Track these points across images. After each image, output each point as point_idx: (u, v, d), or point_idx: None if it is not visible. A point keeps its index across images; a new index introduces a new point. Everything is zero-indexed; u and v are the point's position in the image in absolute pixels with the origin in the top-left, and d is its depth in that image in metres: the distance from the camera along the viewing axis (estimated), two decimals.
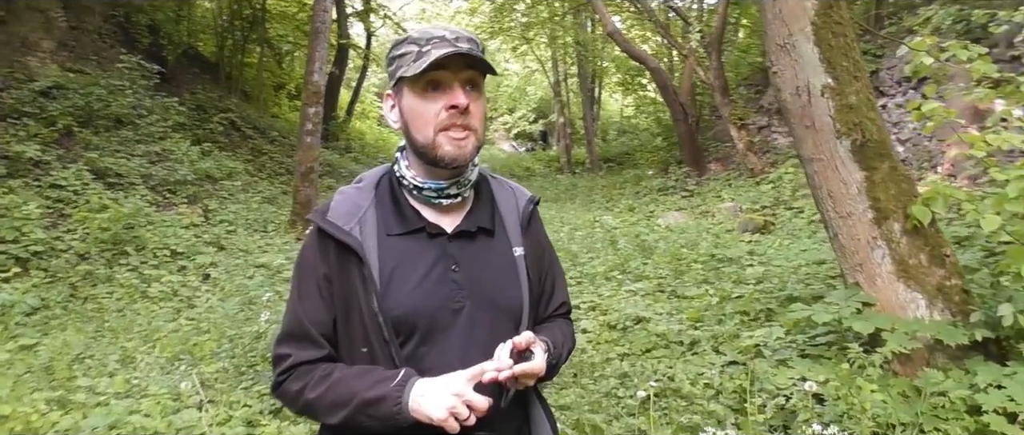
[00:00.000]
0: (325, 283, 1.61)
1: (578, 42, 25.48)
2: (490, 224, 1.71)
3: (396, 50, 1.60)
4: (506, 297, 1.66)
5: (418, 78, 1.54)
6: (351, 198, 1.67)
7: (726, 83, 15.85)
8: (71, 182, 9.39)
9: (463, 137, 1.56)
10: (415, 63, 1.53)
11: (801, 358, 4.06)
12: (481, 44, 1.63)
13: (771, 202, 12.00)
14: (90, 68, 12.60)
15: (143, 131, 11.91)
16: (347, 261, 1.59)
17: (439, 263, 1.61)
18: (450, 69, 1.54)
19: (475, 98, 1.58)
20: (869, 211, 3.86)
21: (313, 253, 1.64)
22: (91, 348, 5.53)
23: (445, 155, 1.56)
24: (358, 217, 1.62)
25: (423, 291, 1.57)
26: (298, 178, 11.66)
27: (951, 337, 3.36)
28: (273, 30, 21.28)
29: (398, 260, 1.59)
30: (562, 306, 1.89)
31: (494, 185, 1.81)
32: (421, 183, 1.63)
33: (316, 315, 1.61)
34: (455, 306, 1.59)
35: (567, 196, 19.97)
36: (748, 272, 7.13)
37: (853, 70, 3.98)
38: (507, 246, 1.71)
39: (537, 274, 1.77)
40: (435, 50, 1.52)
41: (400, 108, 1.63)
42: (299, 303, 1.63)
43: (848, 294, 3.89)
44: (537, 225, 1.85)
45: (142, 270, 8.07)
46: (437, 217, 1.66)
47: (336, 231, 1.59)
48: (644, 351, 5.03)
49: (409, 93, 1.59)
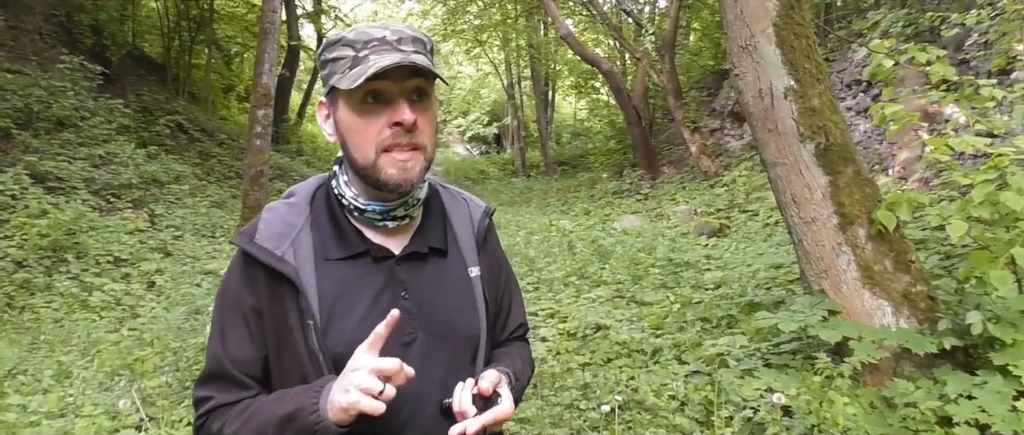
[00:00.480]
0: (253, 316, 1.39)
1: (531, 45, 25.47)
2: (442, 243, 1.52)
3: (329, 53, 1.37)
4: (462, 324, 1.48)
5: (355, 90, 1.31)
6: (282, 217, 1.45)
7: (679, 86, 15.93)
8: (8, 186, 9.02)
9: (409, 158, 1.35)
10: (351, 72, 1.31)
11: (766, 367, 3.99)
12: (430, 42, 1.42)
13: (725, 205, 12.04)
14: (30, 69, 12.20)
15: (86, 133, 11.54)
16: (280, 291, 1.37)
17: (386, 290, 1.41)
18: (393, 79, 1.32)
19: (423, 110, 1.36)
20: (834, 216, 3.79)
21: (238, 282, 1.42)
22: (26, 362, 5.26)
23: (388, 179, 1.35)
24: (291, 239, 1.40)
25: (370, 323, 1.30)
26: (248, 182, 11.36)
27: (919, 346, 3.31)
28: (221, 31, 20.86)
29: (340, 289, 1.39)
30: (520, 328, 1.71)
31: (445, 197, 1.61)
32: (363, 205, 1.43)
33: (242, 353, 1.40)
34: (406, 339, 1.39)
35: (522, 199, 19.91)
36: (706, 277, 7.08)
37: (816, 72, 3.92)
38: (462, 266, 1.53)
39: (494, 295, 1.59)
40: (374, 56, 1.31)
41: (335, 120, 1.41)
42: (221, 340, 1.41)
43: (813, 301, 3.82)
44: (493, 240, 1.67)
45: (83, 278, 7.76)
46: (382, 238, 1.46)
47: (266, 256, 1.37)
48: (606, 361, 4.92)
49: (345, 106, 1.36)
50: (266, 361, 1.41)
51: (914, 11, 9.82)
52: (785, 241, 7.75)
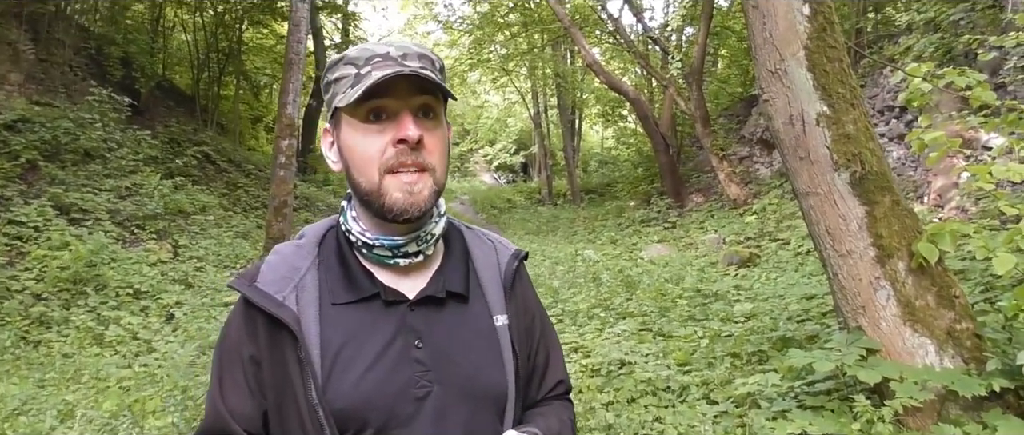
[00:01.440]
0: (252, 367, 1.27)
1: (558, 74, 25.44)
2: (463, 287, 1.35)
3: (331, 73, 1.27)
4: (485, 380, 1.30)
5: (356, 107, 1.22)
6: (287, 259, 1.32)
7: (707, 113, 15.75)
8: (32, 218, 9.04)
9: (415, 180, 1.22)
10: (352, 89, 1.21)
11: (800, 409, 3.76)
12: (439, 61, 1.31)
13: (755, 234, 11.79)
14: (59, 101, 12.30)
15: (112, 165, 11.59)
16: (280, 339, 1.24)
17: (398, 338, 1.26)
18: (396, 95, 1.21)
19: (431, 128, 1.25)
20: (871, 249, 3.58)
21: (238, 329, 1.30)
22: (33, 400, 5.14)
23: (393, 204, 1.22)
24: (295, 283, 1.28)
25: (377, 375, 1.22)
26: (271, 212, 11.33)
27: (966, 388, 3.08)
28: (250, 62, 21.04)
29: (346, 337, 1.24)
30: (559, 385, 1.50)
31: (469, 238, 1.45)
32: (371, 239, 1.29)
33: (241, 408, 1.26)
34: (419, 393, 1.23)
35: (548, 228, 19.74)
36: (736, 309, 6.86)
37: (850, 97, 3.73)
38: (486, 314, 1.35)
39: (526, 348, 1.41)
40: (376, 71, 1.19)
41: (339, 145, 1.30)
42: (220, 393, 1.28)
43: (850, 339, 3.60)
44: (524, 286, 1.49)
45: (101, 311, 7.69)
46: (395, 280, 1.31)
47: (265, 302, 1.25)
48: (630, 400, 4.71)
49: (347, 126, 1.26)
50: (266, 416, 1.27)
51: (948, 35, 9.58)
52: (817, 271, 7.51)
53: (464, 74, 26.11)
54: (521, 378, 1.36)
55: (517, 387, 1.34)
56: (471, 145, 39.37)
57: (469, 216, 23.45)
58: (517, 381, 1.34)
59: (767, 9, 3.83)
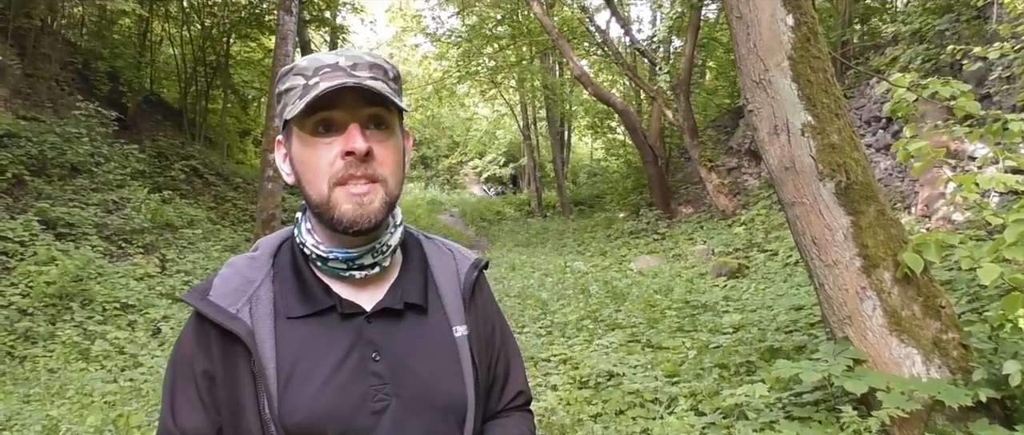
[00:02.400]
0: (205, 382, 1.24)
1: (546, 86, 25.52)
2: (421, 298, 1.33)
3: (281, 84, 1.25)
4: (444, 391, 1.28)
5: (304, 119, 1.19)
6: (240, 271, 1.30)
7: (695, 125, 15.80)
8: (18, 233, 8.95)
9: (365, 191, 1.19)
10: (299, 100, 1.18)
11: (788, 420, 3.76)
12: (393, 69, 1.27)
13: (744, 245, 11.81)
14: (45, 116, 12.22)
15: (100, 179, 11.52)
16: (233, 353, 1.22)
17: (354, 351, 1.24)
18: (343, 106, 1.18)
19: (381, 139, 1.22)
20: (857, 259, 3.58)
21: (190, 344, 1.26)
22: (18, 416, 5.09)
23: (342, 217, 1.20)
24: (248, 295, 1.25)
25: (333, 389, 1.20)
26: (259, 225, 11.31)
27: (953, 397, 3.07)
28: (238, 76, 20.99)
29: (302, 350, 1.22)
30: (519, 396, 1.49)
31: (428, 248, 1.43)
32: (325, 252, 1.27)
33: (192, 424, 1.23)
34: (376, 406, 1.21)
35: (538, 240, 19.74)
36: (725, 320, 6.86)
37: (834, 107, 3.74)
38: (445, 325, 1.34)
39: (486, 359, 1.40)
40: (323, 82, 1.17)
41: (290, 157, 1.27)
42: (171, 410, 1.25)
43: (837, 349, 3.60)
44: (485, 296, 1.47)
45: (87, 326, 7.62)
46: (352, 292, 1.29)
47: (217, 314, 1.23)
48: (619, 411, 4.70)
49: (297, 138, 1.23)
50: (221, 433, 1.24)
51: (933, 46, 9.64)
52: (806, 281, 7.52)
53: (453, 86, 26.13)
54: (481, 389, 1.35)
55: (477, 398, 1.32)
56: (460, 157, 39.37)
57: (458, 228, 23.42)
58: (477, 392, 1.32)
59: (751, 20, 3.85)
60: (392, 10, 31.13)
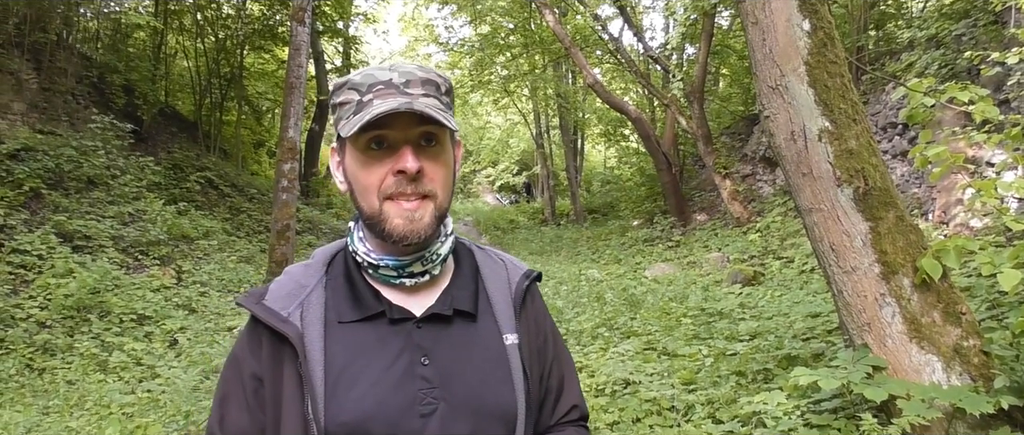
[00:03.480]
0: (253, 384, 1.27)
1: (559, 94, 25.51)
2: (471, 306, 1.34)
3: (336, 97, 1.27)
4: (493, 398, 1.28)
5: (357, 136, 1.21)
6: (295, 277, 1.34)
7: (709, 132, 15.76)
8: (36, 246, 9.05)
9: (416, 207, 1.23)
10: (354, 117, 1.21)
11: (806, 427, 3.72)
12: (446, 82, 1.30)
13: (759, 252, 11.75)
14: (62, 129, 12.33)
15: (116, 192, 11.61)
16: (282, 355, 1.25)
17: (404, 355, 1.25)
18: (396, 126, 1.21)
19: (433, 156, 1.25)
20: (875, 265, 3.55)
21: (244, 347, 1.31)
22: (37, 428, 5.12)
23: (393, 230, 1.23)
24: (300, 300, 1.28)
25: (381, 392, 1.21)
26: (274, 236, 11.33)
27: (974, 405, 3.04)
28: (252, 88, 21.11)
29: (351, 354, 1.24)
30: (573, 411, 1.47)
31: (479, 257, 1.45)
32: (377, 260, 1.29)
33: (239, 426, 1.27)
34: (424, 410, 1.22)
35: (552, 248, 19.71)
36: (741, 327, 6.81)
37: (852, 113, 3.72)
38: (495, 333, 1.34)
39: (537, 369, 1.40)
40: (378, 101, 1.20)
41: (344, 168, 1.31)
42: (220, 410, 1.30)
43: (856, 356, 3.56)
44: (537, 307, 1.48)
45: (104, 338, 7.69)
46: (402, 299, 1.31)
47: (270, 318, 1.26)
48: (635, 420, 4.67)
49: (351, 153, 1.27)
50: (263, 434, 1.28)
51: (950, 51, 9.57)
52: (822, 288, 7.47)
53: (466, 95, 26.18)
54: (533, 399, 1.35)
55: (528, 407, 1.32)
56: (474, 166, 39.43)
57: (472, 237, 23.42)
58: (528, 401, 1.32)
59: (767, 25, 3.83)
60: (405, 20, 31.24)
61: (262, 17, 19.72)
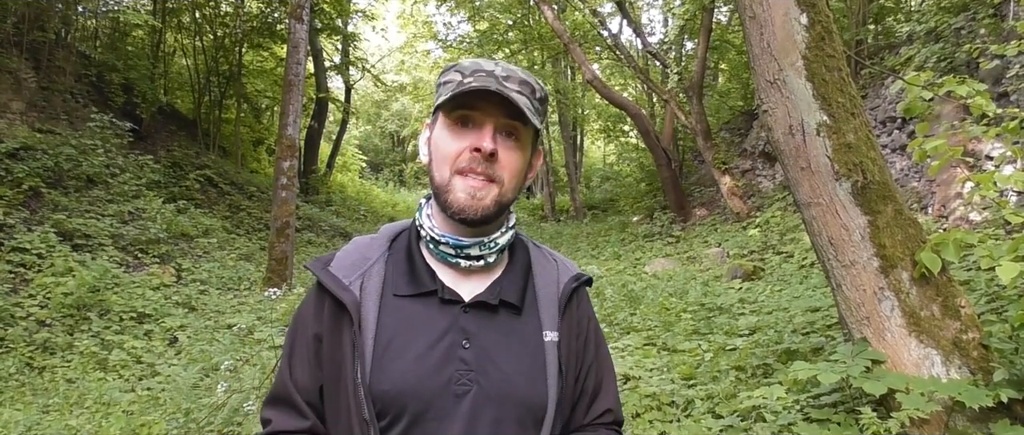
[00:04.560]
0: (315, 344, 1.38)
1: (558, 90, 25.46)
2: (518, 299, 1.40)
3: (442, 77, 1.39)
4: (525, 389, 1.33)
5: (450, 110, 1.34)
6: (360, 248, 1.44)
7: (708, 127, 15.74)
8: (36, 245, 9.04)
9: (481, 186, 1.31)
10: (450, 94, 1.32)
11: (806, 422, 3.72)
12: (542, 91, 1.39)
13: (759, 247, 11.74)
14: (61, 128, 12.31)
15: (115, 190, 11.60)
16: (340, 320, 1.35)
17: (447, 335, 1.33)
18: (485, 110, 1.31)
19: (509, 147, 1.34)
20: (874, 259, 3.55)
21: (309, 308, 1.41)
22: (37, 426, 5.12)
23: (454, 202, 1.31)
24: (362, 271, 1.38)
25: (423, 366, 1.29)
26: (274, 234, 11.32)
27: (973, 398, 3.04)
28: (251, 85, 21.07)
29: (400, 326, 1.33)
30: (607, 414, 1.49)
31: (534, 255, 1.51)
32: (439, 236, 1.38)
33: (303, 380, 1.38)
34: (459, 389, 1.29)
35: (552, 245, 19.63)
36: (741, 322, 6.82)
37: (850, 106, 3.71)
38: (537, 328, 1.40)
39: (574, 369, 1.43)
40: (476, 83, 1.29)
41: (430, 139, 1.41)
42: (288, 363, 1.41)
43: (855, 350, 3.56)
44: (582, 309, 1.51)
45: (104, 336, 7.68)
46: (455, 281, 1.39)
47: (332, 284, 1.36)
48: (635, 415, 4.67)
49: (440, 124, 1.38)
50: (322, 391, 1.38)
51: (949, 45, 9.56)
52: (822, 283, 7.47)
53: None
54: (566, 397, 1.39)
55: (559, 405, 1.36)
56: None
57: None
58: (560, 398, 1.36)
59: (764, 19, 3.83)
60: (403, 17, 31.21)
61: (260, 15, 19.68)
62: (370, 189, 28.07)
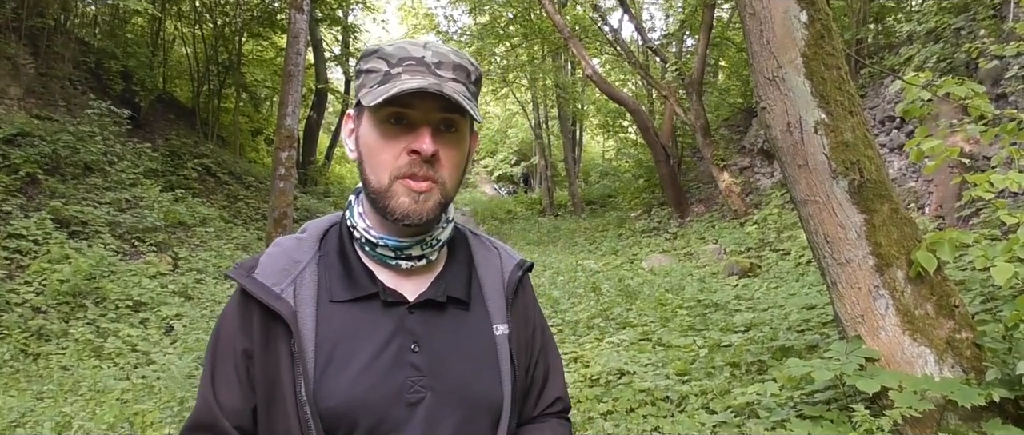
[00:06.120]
0: (244, 360, 1.24)
1: (558, 85, 25.45)
2: (465, 294, 1.33)
3: (363, 63, 1.25)
4: (481, 388, 1.27)
5: (379, 108, 1.18)
6: (287, 252, 1.30)
7: (707, 124, 15.74)
8: (32, 231, 9.03)
9: (425, 189, 1.20)
10: (378, 88, 1.18)
11: (799, 419, 3.73)
12: (477, 71, 1.28)
13: (756, 244, 11.76)
14: (59, 115, 12.30)
15: (112, 178, 11.59)
16: (274, 332, 1.22)
17: (394, 340, 1.23)
18: (418, 107, 1.19)
19: (449, 143, 1.23)
20: (870, 257, 3.56)
21: (233, 321, 1.27)
22: (31, 413, 5.12)
23: (396, 208, 1.20)
24: (293, 276, 1.26)
25: (371, 377, 1.19)
26: (271, 224, 11.29)
27: (966, 397, 3.04)
28: (250, 75, 21.05)
29: (342, 335, 1.22)
30: (557, 402, 1.46)
31: (474, 245, 1.44)
32: (376, 238, 1.27)
33: (231, 402, 1.24)
34: (412, 397, 1.20)
35: (549, 239, 19.71)
36: (736, 319, 6.83)
37: (848, 105, 3.71)
38: (486, 322, 1.33)
39: (525, 361, 1.39)
40: (406, 76, 1.18)
41: (358, 136, 1.28)
42: (211, 385, 1.26)
43: (849, 348, 3.57)
44: (528, 298, 1.46)
45: (100, 324, 7.68)
46: (396, 281, 1.29)
47: (262, 293, 1.23)
48: (629, 410, 4.68)
49: (368, 122, 1.24)
50: (255, 413, 1.25)
51: (949, 45, 9.56)
52: (818, 281, 7.48)
53: None
54: (518, 389, 1.33)
55: (513, 399, 1.31)
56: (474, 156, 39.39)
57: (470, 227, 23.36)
58: (514, 393, 1.31)
59: (764, 16, 3.82)
60: (404, 8, 31.18)
61: (261, 4, 19.66)
62: None
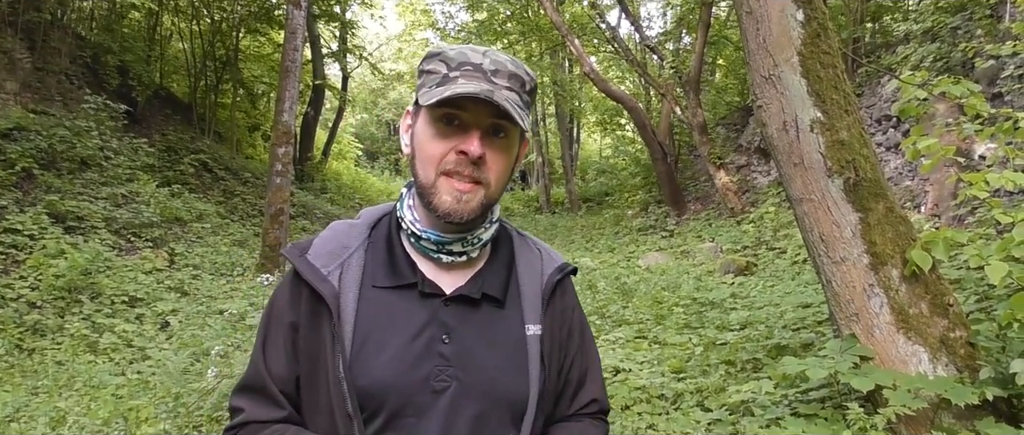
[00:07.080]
0: (291, 333, 1.33)
1: (556, 82, 25.44)
2: (500, 292, 1.37)
3: (425, 64, 1.32)
4: (506, 385, 1.32)
5: (434, 107, 1.26)
6: (339, 236, 1.39)
7: (704, 122, 15.75)
8: (28, 226, 9.02)
9: (468, 189, 1.27)
10: (435, 89, 1.25)
11: (794, 417, 3.74)
12: (532, 81, 1.34)
13: (752, 242, 11.77)
14: (55, 109, 12.27)
15: (109, 173, 11.57)
16: (319, 311, 1.30)
17: (427, 330, 1.30)
18: (471, 110, 1.26)
19: (497, 148, 1.29)
20: (865, 256, 3.56)
21: (285, 296, 1.36)
22: (26, 408, 5.12)
23: (440, 205, 1.27)
24: (341, 260, 1.34)
25: (401, 361, 1.26)
26: (268, 220, 11.31)
27: (959, 396, 3.05)
28: (247, 71, 21.01)
29: (378, 319, 1.30)
30: (593, 404, 1.49)
31: (518, 246, 1.48)
32: (420, 231, 1.34)
33: (278, 369, 1.33)
34: (438, 385, 1.27)
35: (546, 236, 19.70)
36: (732, 317, 6.84)
37: (844, 104, 3.72)
38: (518, 322, 1.37)
39: (558, 362, 1.42)
40: (462, 80, 1.24)
41: (413, 132, 1.35)
42: (262, 352, 1.36)
43: (844, 346, 3.58)
44: (567, 300, 1.49)
45: (95, 319, 7.68)
46: (436, 274, 1.36)
47: (310, 274, 1.31)
48: (624, 407, 4.69)
49: (424, 120, 1.31)
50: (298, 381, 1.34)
51: (945, 45, 9.57)
52: (814, 279, 7.49)
53: None
54: (548, 391, 1.37)
55: (540, 398, 1.34)
56: None
57: None
58: (543, 391, 1.34)
59: (761, 15, 3.82)
60: (402, 5, 31.14)
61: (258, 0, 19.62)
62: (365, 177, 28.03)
